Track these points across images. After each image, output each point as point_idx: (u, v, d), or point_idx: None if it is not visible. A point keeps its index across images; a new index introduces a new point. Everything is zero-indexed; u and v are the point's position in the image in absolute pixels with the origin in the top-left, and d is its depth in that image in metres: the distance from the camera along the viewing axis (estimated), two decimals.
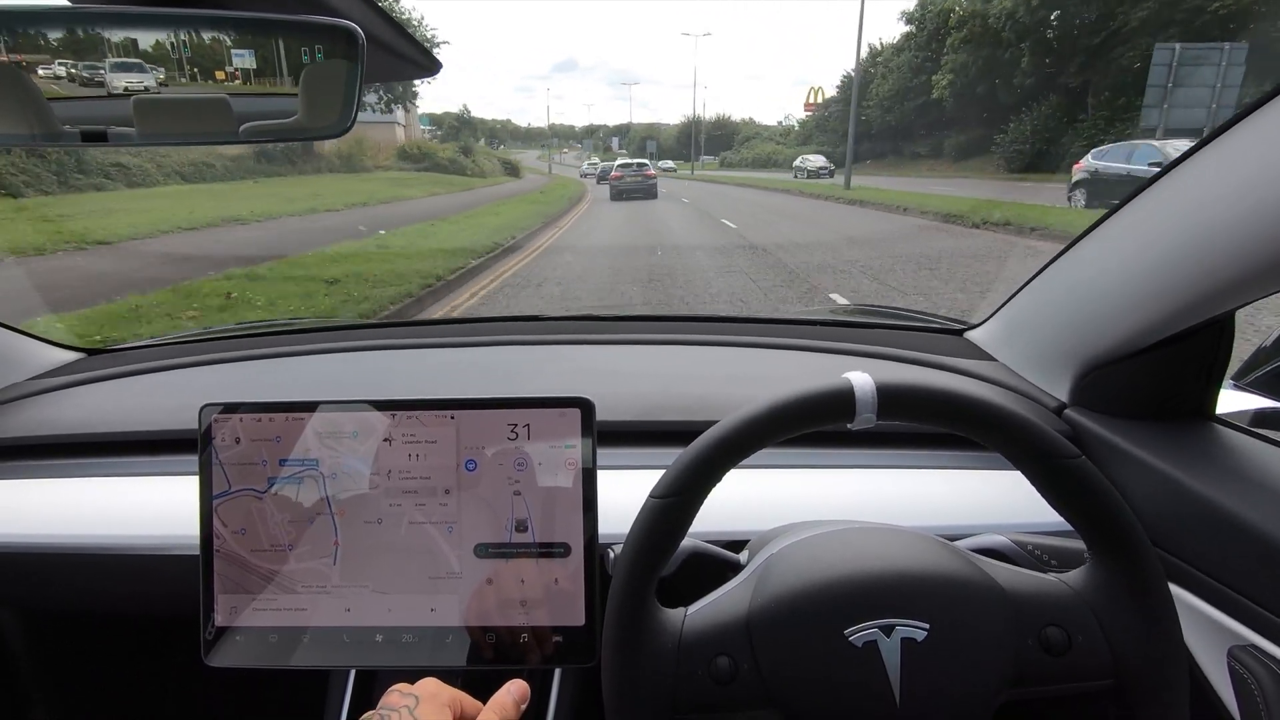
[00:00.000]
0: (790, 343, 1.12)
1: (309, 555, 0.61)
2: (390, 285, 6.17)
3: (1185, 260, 0.65)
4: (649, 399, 0.92)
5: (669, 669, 0.51)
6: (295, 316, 4.66)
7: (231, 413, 0.62)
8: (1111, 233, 0.77)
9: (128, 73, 0.50)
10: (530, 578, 0.61)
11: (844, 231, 10.79)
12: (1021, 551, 0.64)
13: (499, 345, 1.16)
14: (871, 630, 0.50)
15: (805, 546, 0.57)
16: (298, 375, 1.09)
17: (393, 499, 0.61)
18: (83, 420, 0.94)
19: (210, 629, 0.61)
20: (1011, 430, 0.52)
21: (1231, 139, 0.61)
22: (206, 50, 0.50)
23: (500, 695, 0.52)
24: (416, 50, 0.57)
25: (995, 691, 0.51)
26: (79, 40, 0.50)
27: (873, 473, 0.83)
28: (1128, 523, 0.50)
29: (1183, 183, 0.67)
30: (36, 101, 0.51)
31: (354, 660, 0.62)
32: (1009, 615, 0.52)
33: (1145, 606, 0.51)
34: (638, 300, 5.95)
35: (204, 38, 0.50)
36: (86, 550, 0.78)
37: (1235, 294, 0.63)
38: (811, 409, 0.52)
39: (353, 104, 0.53)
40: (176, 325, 4.93)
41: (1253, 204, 0.58)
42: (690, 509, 0.53)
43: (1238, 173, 0.60)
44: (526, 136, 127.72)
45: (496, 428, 0.62)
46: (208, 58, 0.51)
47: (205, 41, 0.50)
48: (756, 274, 7.01)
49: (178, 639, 1.12)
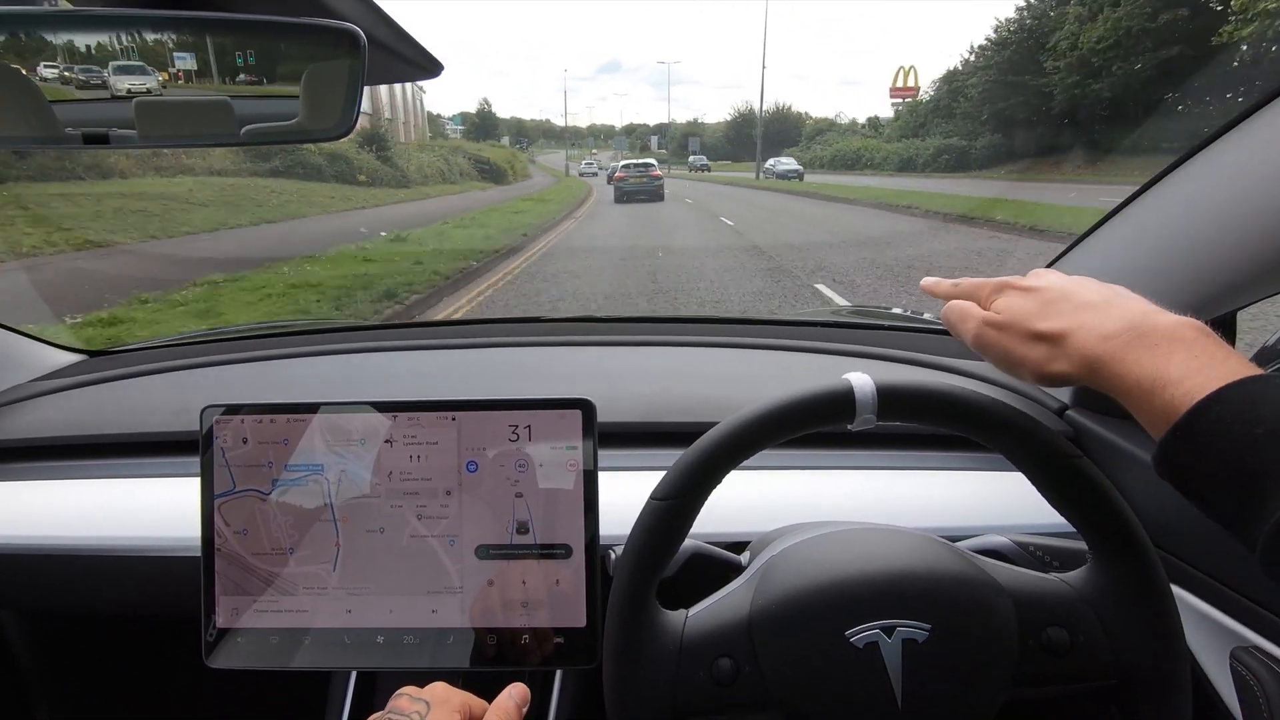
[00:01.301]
0: (791, 344, 1.12)
1: (310, 559, 0.61)
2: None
3: (1187, 261, 0.65)
4: (650, 400, 0.92)
5: (670, 671, 0.51)
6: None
7: (233, 414, 0.62)
8: (1112, 234, 0.77)
9: (130, 75, 0.50)
10: (531, 579, 0.61)
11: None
12: (1023, 552, 0.64)
13: (500, 347, 1.16)
14: (873, 631, 0.50)
15: (806, 548, 0.57)
16: (299, 376, 1.09)
17: (394, 500, 0.61)
18: (85, 422, 0.94)
19: (211, 630, 0.61)
20: (1013, 431, 0.51)
21: (1232, 139, 0.61)
22: (150, 51, 0.50)
23: (502, 699, 0.52)
24: (417, 52, 0.57)
25: (997, 692, 0.51)
26: (79, 43, 0.50)
27: (873, 474, 0.83)
28: (1129, 523, 0.50)
29: (1183, 184, 0.67)
30: (38, 104, 0.51)
31: (355, 662, 0.62)
32: (1010, 616, 0.51)
33: (1147, 607, 0.51)
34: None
35: (167, 38, 0.50)
36: (89, 552, 0.78)
37: (1237, 295, 0.63)
38: (812, 410, 0.52)
39: (354, 106, 0.53)
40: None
41: (1254, 205, 0.58)
42: (691, 510, 0.53)
43: (1239, 174, 0.60)
44: (561, 135, 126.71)
45: (497, 429, 0.62)
46: (151, 59, 0.50)
47: (149, 43, 0.50)
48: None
49: (179, 640, 1.12)
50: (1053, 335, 0.47)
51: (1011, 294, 0.52)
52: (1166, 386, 0.40)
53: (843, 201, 17.37)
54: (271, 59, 0.52)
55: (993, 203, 13.21)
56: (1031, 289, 0.51)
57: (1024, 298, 0.51)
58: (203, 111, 0.53)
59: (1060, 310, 0.48)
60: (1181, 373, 0.40)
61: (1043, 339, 0.48)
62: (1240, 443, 0.36)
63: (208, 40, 0.51)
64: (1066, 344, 0.46)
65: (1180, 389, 0.39)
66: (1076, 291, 0.49)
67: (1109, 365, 0.43)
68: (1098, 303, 0.47)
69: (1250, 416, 0.36)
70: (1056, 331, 0.47)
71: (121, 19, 0.50)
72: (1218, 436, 0.37)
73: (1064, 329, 0.47)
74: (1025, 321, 0.49)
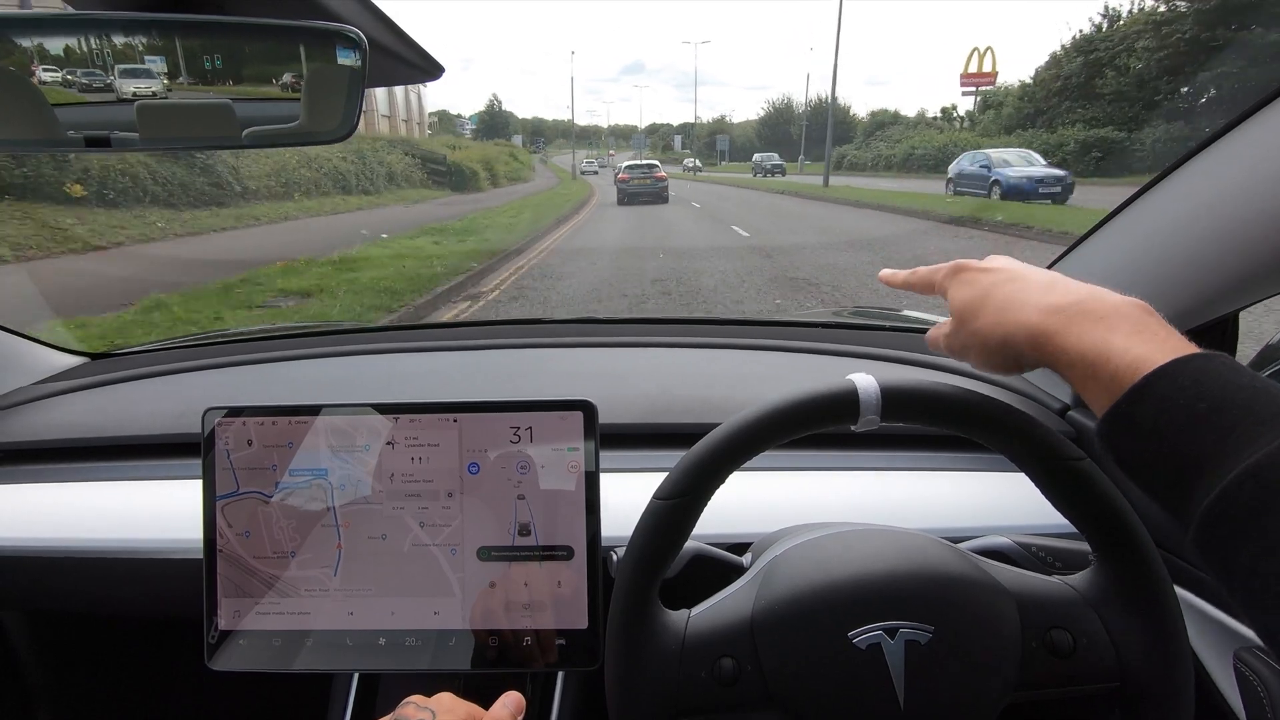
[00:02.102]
0: (793, 344, 1.12)
1: (312, 563, 0.61)
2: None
3: (1188, 262, 0.65)
4: (651, 401, 0.92)
5: (672, 671, 0.51)
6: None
7: (235, 416, 0.62)
8: (1114, 234, 0.77)
9: (136, 79, 0.50)
10: (533, 581, 0.61)
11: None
12: (1025, 553, 0.64)
13: (501, 348, 1.16)
14: (875, 632, 0.50)
15: (808, 548, 0.57)
16: (301, 378, 1.09)
17: (396, 503, 0.61)
18: (88, 424, 0.94)
19: (213, 632, 0.61)
20: (1015, 432, 0.51)
21: (1231, 140, 0.61)
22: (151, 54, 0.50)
23: (496, 710, 0.52)
24: (418, 54, 0.57)
25: (999, 694, 0.50)
26: (80, 45, 0.50)
27: (876, 474, 0.83)
28: (1132, 525, 0.50)
29: (1185, 184, 0.66)
30: (40, 107, 0.51)
31: (357, 664, 0.62)
32: (1013, 617, 0.51)
33: (1150, 609, 0.51)
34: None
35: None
36: (91, 554, 0.78)
37: (1240, 295, 0.63)
38: (815, 410, 0.52)
39: (355, 108, 0.53)
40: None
41: (1253, 207, 0.57)
42: (693, 511, 0.53)
43: (1240, 174, 0.60)
44: (580, 135, 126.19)
45: (499, 431, 0.62)
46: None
47: (146, 45, 0.50)
48: None
49: (181, 642, 1.13)
50: (997, 314, 0.48)
51: (960, 285, 0.53)
52: (1110, 359, 0.40)
53: (976, 226, 10.58)
54: (272, 61, 0.52)
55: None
56: (983, 270, 0.52)
57: (969, 286, 0.52)
58: (204, 114, 0.53)
59: (1005, 291, 0.49)
60: (1125, 345, 0.40)
61: (991, 321, 0.49)
62: (1181, 420, 0.36)
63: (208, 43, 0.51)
64: (1010, 320, 0.47)
65: (1124, 361, 0.39)
66: (1024, 273, 0.50)
67: (1054, 338, 0.44)
68: (1043, 282, 0.48)
69: (1193, 393, 0.36)
70: (1000, 310, 0.48)
71: (122, 22, 0.50)
72: (1158, 413, 0.37)
73: (1008, 305, 0.48)
74: (973, 308, 0.50)
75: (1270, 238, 0.58)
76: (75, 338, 4.34)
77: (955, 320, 0.53)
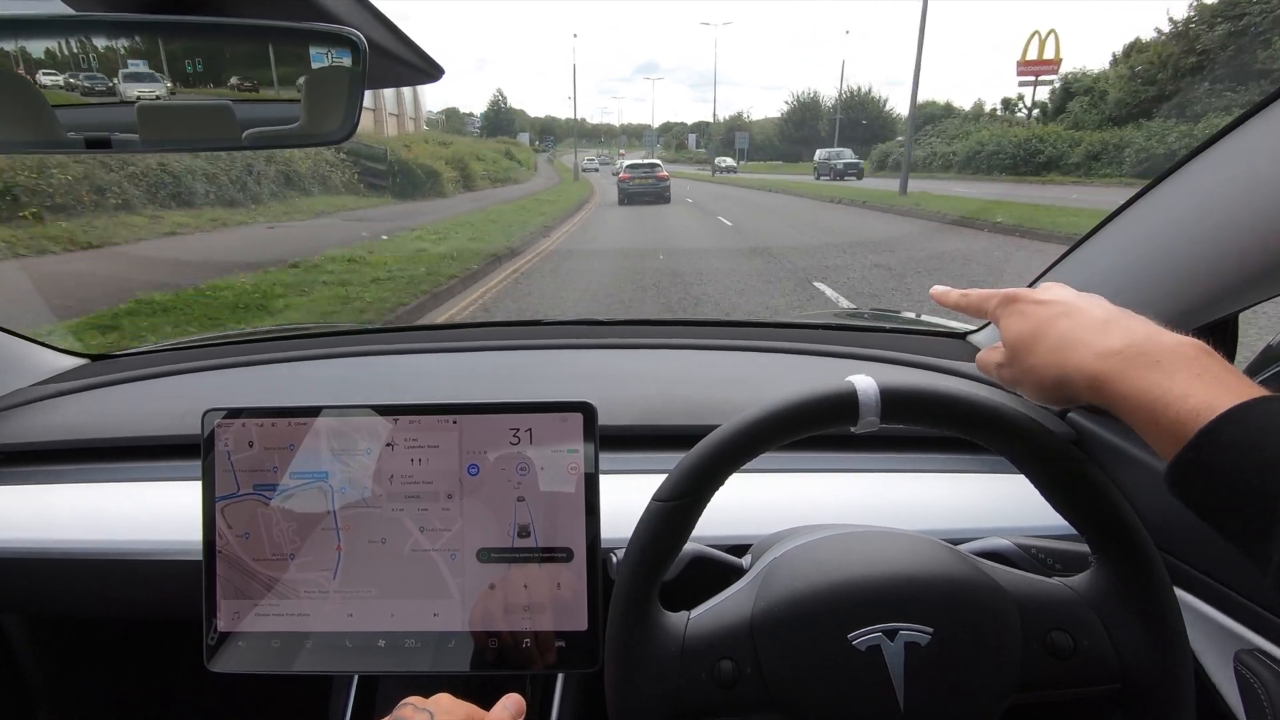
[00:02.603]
0: (792, 346, 1.12)
1: (312, 565, 0.61)
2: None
3: (1188, 263, 0.65)
4: (651, 403, 0.92)
5: (672, 673, 0.51)
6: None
7: (234, 418, 0.62)
8: (1114, 236, 0.77)
9: (140, 83, 0.50)
10: (533, 583, 0.61)
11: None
12: (1025, 555, 0.64)
13: (500, 350, 1.16)
14: (875, 634, 0.50)
15: (808, 550, 0.57)
16: (301, 380, 1.09)
17: (395, 504, 0.61)
18: (86, 426, 0.94)
19: (213, 634, 0.61)
20: (1015, 433, 0.51)
21: (1231, 141, 0.61)
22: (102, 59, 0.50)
23: (496, 712, 0.52)
24: (418, 56, 0.57)
25: (1000, 696, 0.50)
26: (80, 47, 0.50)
27: (876, 476, 0.83)
28: (1132, 526, 0.50)
29: (1184, 186, 0.66)
30: (41, 108, 0.51)
31: (356, 665, 0.62)
32: (1013, 619, 0.51)
33: (1150, 611, 0.50)
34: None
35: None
36: (90, 555, 0.78)
37: (1239, 296, 0.63)
38: (815, 412, 0.52)
39: (355, 110, 0.53)
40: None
41: (1256, 206, 0.58)
42: (693, 513, 0.53)
43: (1240, 175, 0.60)
44: (594, 134, 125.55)
45: (499, 432, 0.62)
46: (153, 64, 0.50)
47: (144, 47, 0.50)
48: None
49: (181, 644, 1.13)
50: (1053, 354, 0.47)
51: (1013, 316, 0.52)
52: (1170, 405, 0.40)
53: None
54: (272, 63, 0.52)
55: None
56: (1038, 302, 0.51)
57: (1023, 319, 0.51)
58: (205, 116, 0.53)
59: (1060, 329, 0.48)
60: (1185, 391, 0.40)
61: (1046, 360, 0.48)
62: (1252, 466, 0.36)
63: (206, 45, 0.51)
64: (1067, 362, 0.46)
65: (1185, 406, 0.39)
66: (1079, 308, 0.49)
67: (1112, 383, 0.43)
68: (1099, 320, 0.47)
69: (1260, 440, 0.36)
70: (1056, 350, 0.47)
71: (122, 24, 0.50)
72: (1230, 460, 0.37)
73: (1063, 344, 0.47)
74: (1027, 343, 0.50)
75: (1270, 239, 0.58)
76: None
77: (1009, 351, 0.52)
